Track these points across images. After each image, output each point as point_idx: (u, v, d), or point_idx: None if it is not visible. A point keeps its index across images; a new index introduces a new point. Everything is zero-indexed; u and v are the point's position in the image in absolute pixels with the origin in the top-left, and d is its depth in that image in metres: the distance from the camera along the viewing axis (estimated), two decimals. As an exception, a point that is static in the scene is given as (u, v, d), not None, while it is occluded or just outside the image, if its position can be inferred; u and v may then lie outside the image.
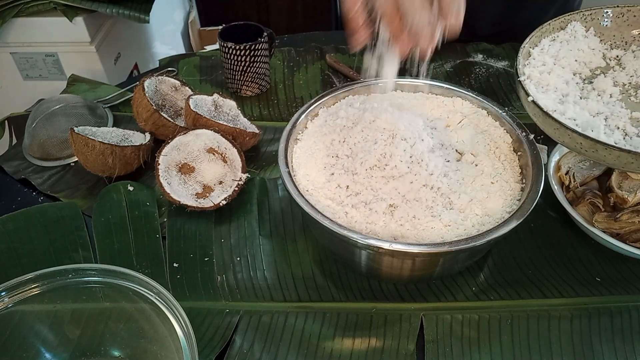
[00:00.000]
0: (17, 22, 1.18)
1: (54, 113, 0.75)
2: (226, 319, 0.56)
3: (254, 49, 0.81)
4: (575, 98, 0.59)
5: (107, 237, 0.64)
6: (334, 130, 0.61)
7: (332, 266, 0.61)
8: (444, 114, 0.64)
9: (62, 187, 0.72)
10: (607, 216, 0.59)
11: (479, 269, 0.61)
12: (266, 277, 0.60)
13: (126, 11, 1.20)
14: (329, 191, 0.55)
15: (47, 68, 1.26)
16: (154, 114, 0.71)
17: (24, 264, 0.61)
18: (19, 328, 0.49)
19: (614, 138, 0.53)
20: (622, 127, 0.55)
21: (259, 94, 0.88)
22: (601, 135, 0.53)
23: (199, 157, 0.69)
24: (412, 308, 0.57)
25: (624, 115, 0.56)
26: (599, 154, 0.50)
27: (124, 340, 0.51)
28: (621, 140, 0.53)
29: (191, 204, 0.64)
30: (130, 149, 0.68)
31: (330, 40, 1.00)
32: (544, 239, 0.64)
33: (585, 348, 0.53)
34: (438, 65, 0.92)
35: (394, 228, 0.52)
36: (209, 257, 0.62)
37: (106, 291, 0.50)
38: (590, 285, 0.59)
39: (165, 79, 0.78)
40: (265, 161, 0.75)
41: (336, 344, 0.54)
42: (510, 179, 0.57)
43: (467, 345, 0.53)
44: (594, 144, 0.49)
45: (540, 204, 0.57)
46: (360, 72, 0.69)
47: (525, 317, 0.55)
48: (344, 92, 0.66)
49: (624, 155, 0.48)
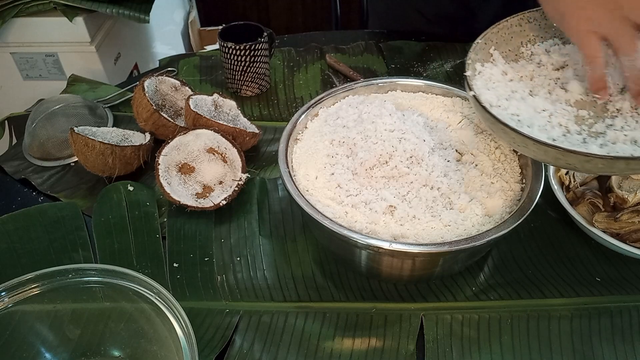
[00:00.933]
0: (17, 22, 1.18)
1: (54, 113, 0.75)
2: (226, 319, 0.56)
3: (254, 49, 0.81)
4: (524, 94, 0.56)
5: (107, 237, 0.64)
6: (334, 130, 0.61)
7: (332, 266, 0.61)
8: (444, 114, 0.64)
9: (62, 187, 0.72)
10: (607, 216, 0.59)
11: (479, 269, 0.61)
12: (266, 277, 0.60)
13: (126, 11, 1.20)
14: (329, 191, 0.55)
15: (47, 68, 1.26)
16: (154, 114, 0.71)
17: (24, 264, 0.61)
18: (19, 328, 0.49)
19: (554, 134, 0.51)
20: (564, 124, 0.52)
21: (259, 94, 0.88)
22: (535, 131, 0.50)
23: (199, 157, 0.69)
24: (412, 308, 0.57)
25: (569, 112, 0.53)
26: (529, 149, 0.49)
27: (124, 340, 0.51)
28: (560, 137, 0.51)
29: (191, 204, 0.64)
30: (130, 149, 0.68)
31: (330, 40, 1.00)
32: (544, 239, 0.64)
33: (585, 348, 0.53)
34: (438, 65, 0.92)
35: (394, 228, 0.52)
36: (209, 257, 0.62)
37: (106, 291, 0.50)
38: (590, 285, 0.59)
39: (165, 79, 0.78)
40: (265, 161, 0.75)
41: (336, 344, 0.54)
42: (510, 179, 0.57)
43: (467, 345, 0.53)
44: (524, 139, 0.48)
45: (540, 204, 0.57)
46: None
47: (525, 317, 0.55)
48: (344, 92, 0.66)
49: (551, 150, 0.46)
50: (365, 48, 0.97)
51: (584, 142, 0.50)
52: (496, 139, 0.61)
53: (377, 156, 0.55)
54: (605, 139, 0.49)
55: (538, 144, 0.47)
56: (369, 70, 0.92)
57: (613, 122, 0.51)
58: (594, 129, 0.51)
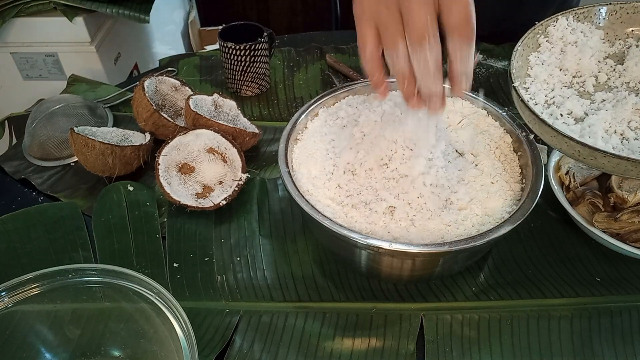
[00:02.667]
0: (17, 22, 1.18)
1: (54, 113, 0.75)
2: (226, 319, 0.56)
3: (254, 49, 0.81)
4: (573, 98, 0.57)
5: (107, 237, 0.64)
6: (334, 130, 0.61)
7: (332, 266, 0.61)
8: (444, 114, 0.64)
9: (62, 187, 0.72)
10: (607, 216, 0.59)
11: (479, 269, 0.61)
12: (266, 277, 0.60)
13: (126, 11, 1.20)
14: (329, 191, 0.55)
15: (47, 68, 1.26)
16: (154, 114, 0.71)
17: (24, 264, 0.61)
18: (19, 328, 0.49)
19: (613, 142, 0.52)
20: (620, 131, 0.53)
21: (259, 94, 0.88)
22: (599, 142, 0.51)
23: (199, 157, 0.69)
24: (412, 308, 0.57)
25: (622, 117, 0.54)
26: (597, 161, 0.48)
27: (124, 340, 0.51)
28: (619, 144, 0.52)
29: (191, 204, 0.64)
30: (130, 149, 0.68)
31: (330, 40, 1.00)
32: (544, 239, 0.64)
33: (585, 348, 0.53)
34: (438, 65, 0.92)
35: (394, 228, 0.52)
36: (209, 257, 0.62)
37: (106, 291, 0.50)
38: (590, 285, 0.59)
39: (165, 79, 0.78)
40: (265, 161, 0.75)
41: (336, 344, 0.54)
42: (510, 179, 0.57)
43: (467, 345, 0.53)
44: (593, 152, 0.48)
45: (540, 204, 0.57)
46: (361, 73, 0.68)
47: (525, 317, 0.55)
48: (344, 92, 0.66)
49: (623, 162, 0.46)
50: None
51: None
52: (496, 138, 0.61)
53: (377, 156, 0.55)
54: None
55: (609, 157, 0.47)
56: (369, 70, 0.92)
57: None
58: None
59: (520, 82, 0.58)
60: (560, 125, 0.53)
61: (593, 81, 0.59)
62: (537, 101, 0.57)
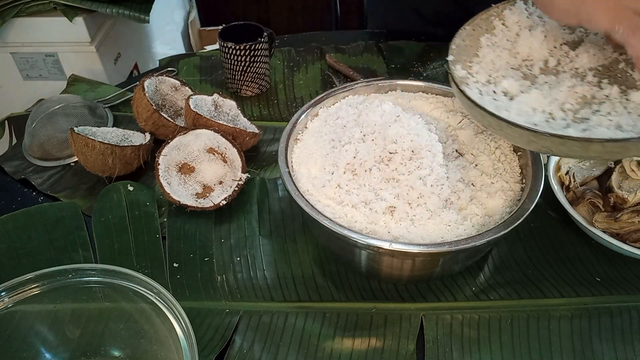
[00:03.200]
0: (17, 22, 1.18)
1: (54, 113, 0.75)
2: (226, 319, 0.56)
3: (254, 49, 0.81)
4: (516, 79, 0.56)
5: (107, 237, 0.64)
6: (334, 130, 0.61)
7: (332, 266, 0.61)
8: (444, 114, 0.64)
9: (62, 187, 0.72)
10: (607, 216, 0.59)
11: (479, 269, 0.61)
12: (266, 277, 0.60)
13: (126, 11, 1.20)
14: (329, 191, 0.55)
15: (47, 68, 1.26)
16: (154, 114, 0.71)
17: (24, 264, 0.61)
18: (19, 328, 0.49)
19: (535, 119, 0.50)
20: (548, 110, 0.51)
21: (259, 94, 0.88)
22: (516, 116, 0.50)
23: (199, 157, 0.69)
24: (412, 308, 0.57)
25: (555, 98, 0.53)
26: (504, 132, 0.49)
27: (124, 340, 0.51)
28: (542, 122, 0.50)
29: (191, 204, 0.64)
30: (130, 149, 0.68)
31: (330, 40, 1.00)
32: (544, 239, 0.64)
33: (585, 348, 0.53)
34: (438, 65, 0.92)
35: (394, 228, 0.52)
36: (209, 257, 0.62)
37: (106, 291, 0.50)
38: (590, 285, 0.59)
39: (165, 79, 0.78)
40: (265, 161, 0.75)
41: (336, 344, 0.54)
42: (510, 179, 0.57)
43: (467, 345, 0.53)
44: (499, 122, 0.48)
45: (540, 204, 0.57)
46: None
47: (525, 317, 0.55)
48: (344, 92, 0.66)
49: (525, 133, 0.46)
50: (365, 48, 0.97)
51: (566, 127, 0.49)
52: (496, 138, 0.61)
53: (377, 156, 0.55)
54: (589, 124, 0.48)
55: (512, 127, 0.47)
56: (369, 70, 0.92)
57: (600, 108, 0.50)
58: (580, 115, 0.50)
59: (465, 61, 0.57)
60: (489, 100, 0.52)
61: (541, 65, 0.57)
62: (478, 79, 0.56)
